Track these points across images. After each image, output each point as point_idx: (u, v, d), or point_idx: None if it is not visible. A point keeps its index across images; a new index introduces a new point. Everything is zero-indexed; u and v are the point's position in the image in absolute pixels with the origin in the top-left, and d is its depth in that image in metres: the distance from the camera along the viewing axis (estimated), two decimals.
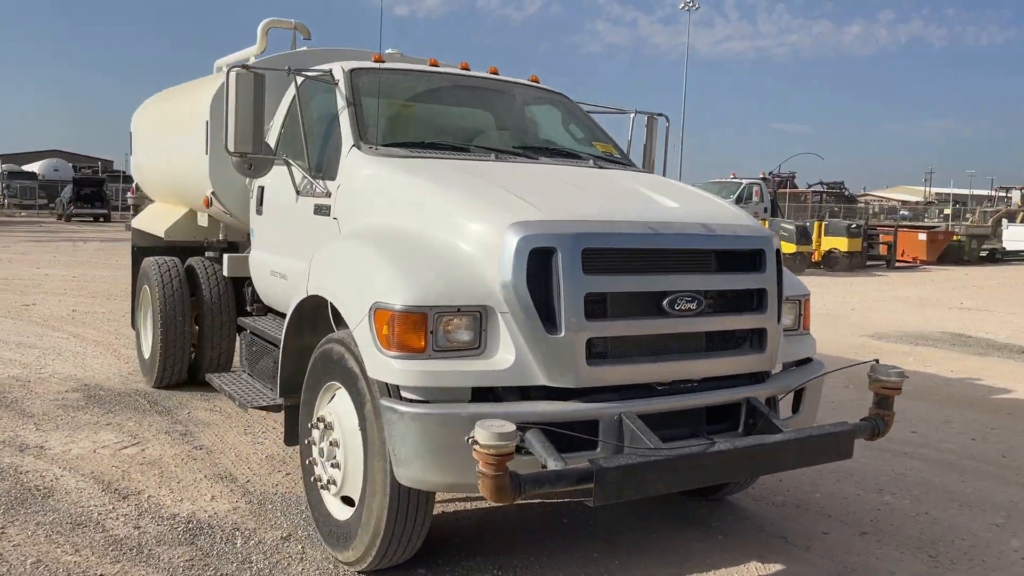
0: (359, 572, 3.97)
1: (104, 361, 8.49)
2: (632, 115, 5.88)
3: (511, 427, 3.04)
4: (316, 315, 4.37)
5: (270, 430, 6.28)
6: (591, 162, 5.00)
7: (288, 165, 4.82)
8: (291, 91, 5.13)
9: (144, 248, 8.29)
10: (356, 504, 3.86)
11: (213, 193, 5.73)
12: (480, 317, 3.56)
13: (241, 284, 7.21)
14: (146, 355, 7.60)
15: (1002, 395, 8.49)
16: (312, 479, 4.23)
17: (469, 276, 3.61)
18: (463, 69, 5.48)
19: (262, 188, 5.43)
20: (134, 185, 8.45)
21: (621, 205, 4.05)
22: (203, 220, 6.67)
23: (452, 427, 3.38)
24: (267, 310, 6.57)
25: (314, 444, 4.17)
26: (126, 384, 7.57)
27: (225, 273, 6.35)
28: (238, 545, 4.27)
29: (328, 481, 4.00)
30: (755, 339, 4.06)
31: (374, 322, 3.55)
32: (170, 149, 6.63)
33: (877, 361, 4.23)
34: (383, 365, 3.50)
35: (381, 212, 4.19)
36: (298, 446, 4.67)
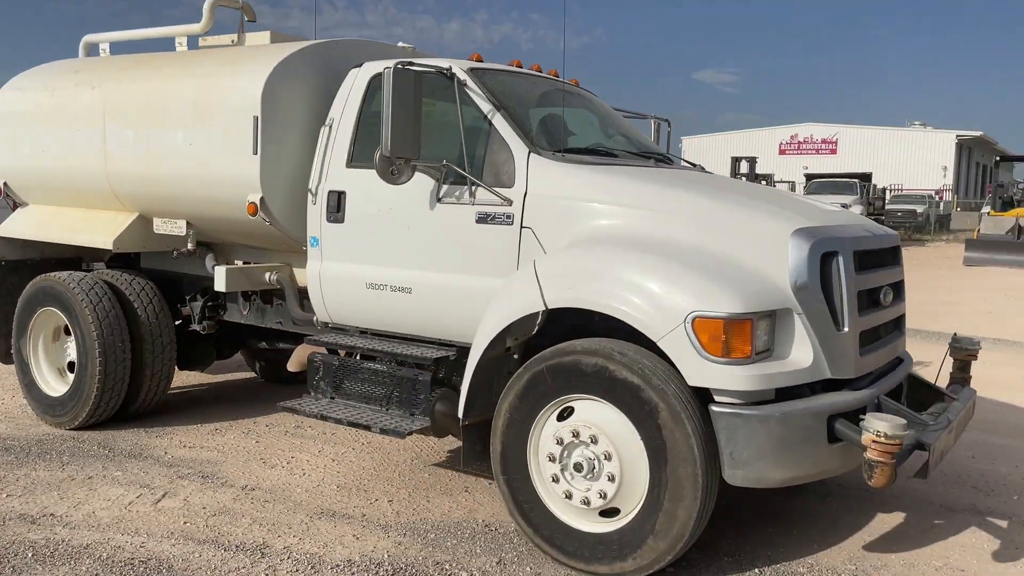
0: None
1: None
2: (651, 120, 6.22)
3: (903, 420, 3.38)
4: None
5: (288, 457, 5.70)
6: (695, 167, 5.32)
7: (444, 170, 4.47)
8: (388, 88, 4.63)
9: (14, 262, 6.86)
10: (634, 514, 3.85)
11: (262, 199, 5.04)
12: (774, 320, 3.79)
13: (180, 300, 6.42)
14: (54, 393, 6.36)
15: None
16: (535, 498, 4.10)
17: (762, 281, 3.82)
18: (535, 71, 5.42)
19: (339, 193, 4.92)
20: (1, 184, 6.92)
21: (815, 211, 4.47)
22: (175, 228, 5.75)
23: (797, 425, 3.62)
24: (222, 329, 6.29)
25: (554, 461, 4.04)
26: (24, 429, 6.27)
27: (222, 288, 5.57)
28: None
29: (597, 495, 3.93)
30: (896, 324, 4.74)
31: (694, 331, 3.62)
32: (146, 144, 5.61)
33: (956, 334, 5.13)
34: (714, 372, 3.61)
35: (616, 220, 4.12)
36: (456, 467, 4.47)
